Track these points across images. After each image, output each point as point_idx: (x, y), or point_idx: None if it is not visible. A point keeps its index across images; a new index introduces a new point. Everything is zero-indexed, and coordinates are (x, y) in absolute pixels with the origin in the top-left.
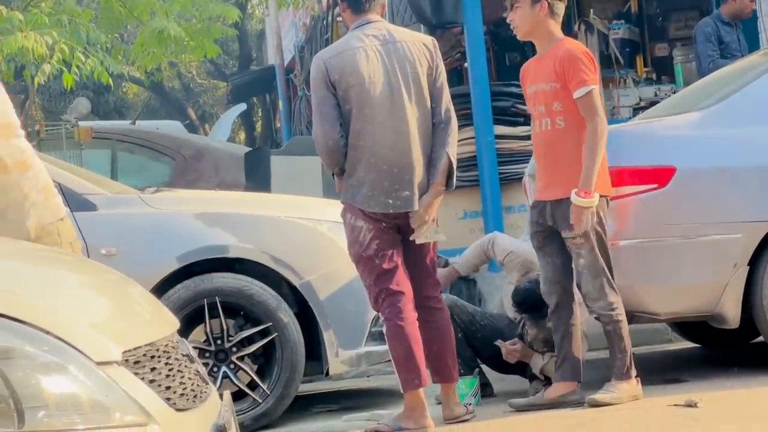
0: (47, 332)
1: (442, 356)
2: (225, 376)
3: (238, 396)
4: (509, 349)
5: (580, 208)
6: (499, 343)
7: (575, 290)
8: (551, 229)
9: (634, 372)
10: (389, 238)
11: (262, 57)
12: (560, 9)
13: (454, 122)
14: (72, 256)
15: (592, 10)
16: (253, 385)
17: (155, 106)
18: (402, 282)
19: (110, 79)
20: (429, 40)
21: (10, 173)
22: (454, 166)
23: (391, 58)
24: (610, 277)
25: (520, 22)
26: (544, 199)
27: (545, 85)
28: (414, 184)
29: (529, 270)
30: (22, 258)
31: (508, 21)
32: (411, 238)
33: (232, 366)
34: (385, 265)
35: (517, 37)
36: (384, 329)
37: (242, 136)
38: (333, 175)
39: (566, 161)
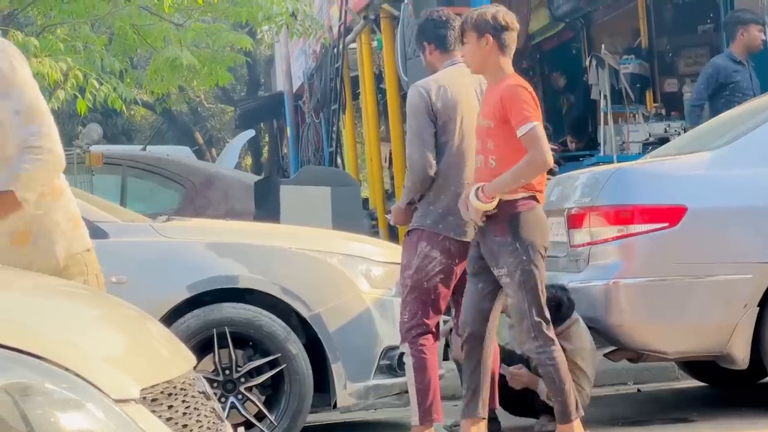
0: (66, 369)
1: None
2: (233, 406)
3: (245, 427)
4: (513, 373)
5: (472, 205)
6: (502, 368)
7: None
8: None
9: (575, 414)
10: (453, 277)
11: (270, 83)
12: (509, 41)
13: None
14: (90, 291)
15: (603, 45)
16: (260, 416)
17: (162, 130)
18: (437, 320)
19: (123, 105)
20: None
21: (44, 200)
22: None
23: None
24: (538, 319)
25: (469, 57)
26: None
27: (483, 121)
28: None
29: None
30: (42, 293)
31: (461, 56)
32: None
33: (240, 396)
34: (438, 302)
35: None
36: (410, 361)
37: (249, 161)
38: (414, 201)
39: None
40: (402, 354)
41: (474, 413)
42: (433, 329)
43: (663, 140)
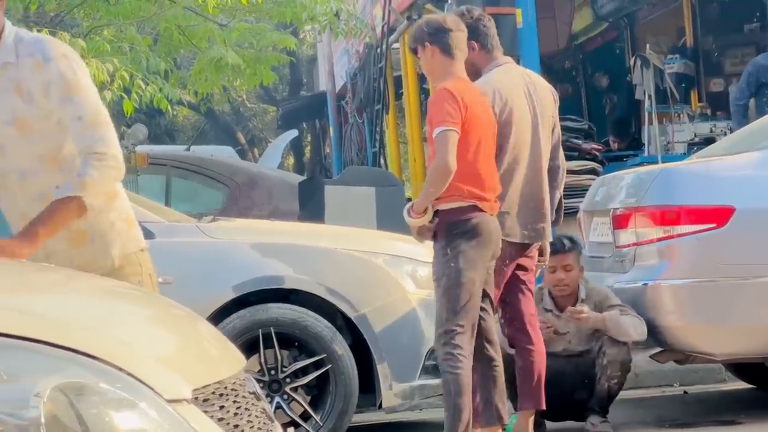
0: (120, 369)
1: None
2: (278, 406)
3: (288, 426)
4: (574, 310)
5: (408, 223)
6: (569, 310)
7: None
8: None
9: None
10: (503, 278)
11: (312, 83)
12: (453, 41)
13: (564, 165)
14: (142, 291)
15: (647, 45)
16: (306, 416)
17: (205, 130)
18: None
19: (168, 105)
20: (551, 88)
21: (100, 201)
22: (563, 205)
23: (532, 98)
24: (452, 328)
25: (425, 69)
26: None
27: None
28: (546, 217)
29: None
30: (96, 294)
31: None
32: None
33: (285, 397)
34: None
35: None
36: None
37: (291, 161)
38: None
39: None
40: None
41: (491, 421)
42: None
43: (708, 140)
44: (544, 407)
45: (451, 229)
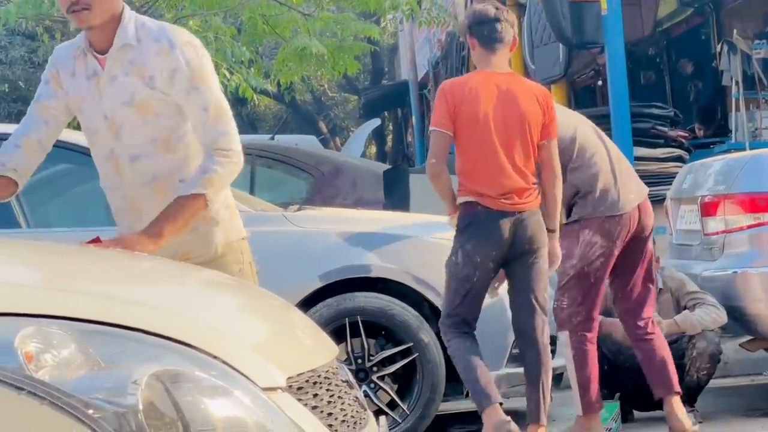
0: (215, 357)
1: (665, 368)
2: (365, 395)
3: (377, 415)
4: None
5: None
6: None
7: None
8: None
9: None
10: (612, 259)
11: (393, 72)
12: (481, 34)
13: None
14: (236, 281)
15: (735, 30)
16: (393, 405)
17: (286, 119)
18: (598, 308)
19: (253, 95)
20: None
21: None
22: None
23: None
24: (444, 320)
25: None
26: None
27: None
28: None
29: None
30: (191, 283)
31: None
32: None
33: (372, 385)
34: (598, 286)
35: None
36: (570, 353)
37: (373, 150)
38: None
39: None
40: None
41: (537, 419)
42: (594, 314)
43: None
44: (678, 390)
45: (458, 224)
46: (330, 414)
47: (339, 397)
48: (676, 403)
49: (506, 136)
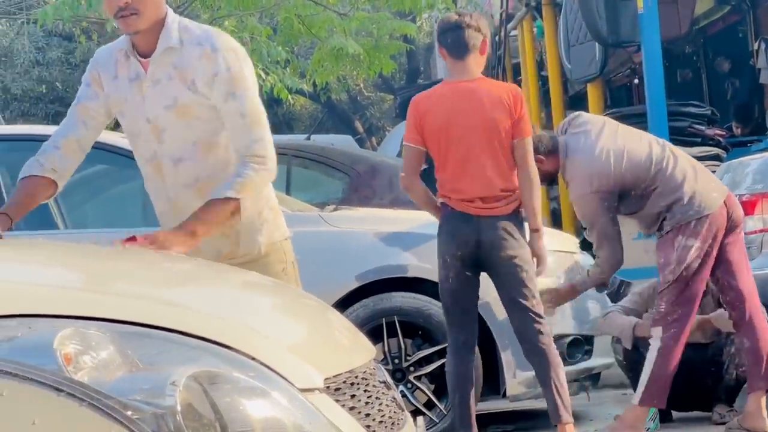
0: (253, 358)
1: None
2: (402, 395)
3: (414, 415)
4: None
5: None
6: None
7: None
8: None
9: None
10: (709, 260)
11: (429, 71)
12: (446, 43)
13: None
14: (273, 282)
15: None
16: (430, 405)
17: (322, 119)
18: (695, 310)
19: (289, 95)
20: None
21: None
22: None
23: None
24: (448, 334)
25: None
26: None
27: None
28: None
29: None
30: (229, 284)
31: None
32: None
33: (409, 385)
34: (697, 288)
35: None
36: (657, 344)
37: None
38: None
39: None
40: (574, 340)
41: (559, 418)
42: (690, 315)
43: None
44: None
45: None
46: (368, 415)
47: (377, 397)
48: (762, 402)
49: (469, 144)
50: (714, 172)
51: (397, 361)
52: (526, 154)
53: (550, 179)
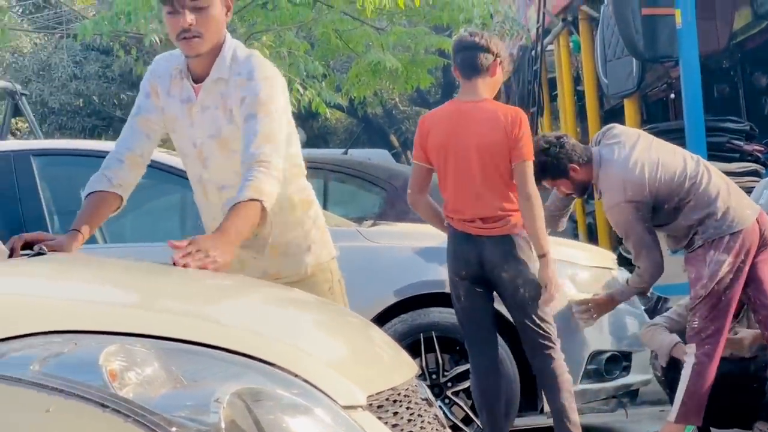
0: (296, 375)
1: None
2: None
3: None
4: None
5: None
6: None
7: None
8: None
9: None
10: (742, 275)
11: None
12: (458, 63)
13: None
14: (316, 299)
15: None
16: (467, 421)
17: (356, 132)
18: (728, 325)
19: (326, 110)
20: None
21: (296, 211)
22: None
23: None
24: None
25: None
26: None
27: None
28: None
29: None
30: (272, 302)
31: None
32: None
33: (447, 401)
34: (730, 303)
35: None
36: (692, 361)
37: None
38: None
39: None
40: (612, 356)
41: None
42: (724, 331)
43: None
44: None
45: None
46: None
47: (419, 415)
48: None
49: (467, 164)
50: (753, 187)
51: (434, 376)
52: (525, 178)
53: (583, 189)
